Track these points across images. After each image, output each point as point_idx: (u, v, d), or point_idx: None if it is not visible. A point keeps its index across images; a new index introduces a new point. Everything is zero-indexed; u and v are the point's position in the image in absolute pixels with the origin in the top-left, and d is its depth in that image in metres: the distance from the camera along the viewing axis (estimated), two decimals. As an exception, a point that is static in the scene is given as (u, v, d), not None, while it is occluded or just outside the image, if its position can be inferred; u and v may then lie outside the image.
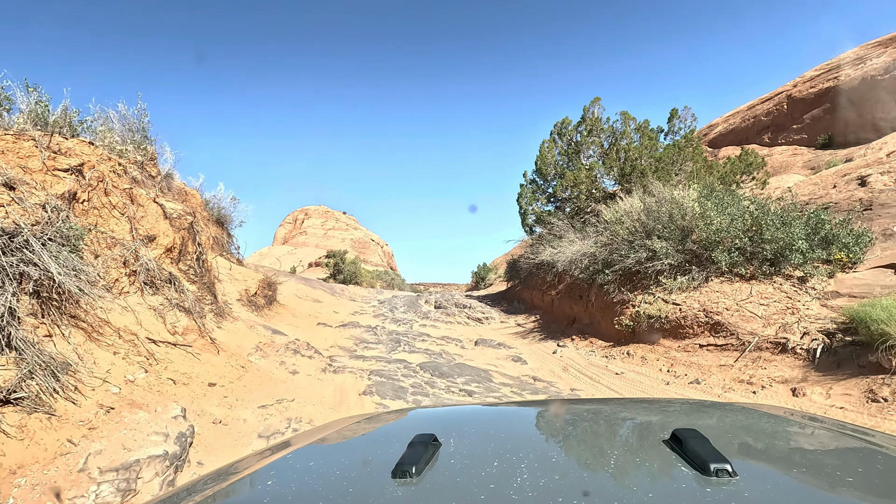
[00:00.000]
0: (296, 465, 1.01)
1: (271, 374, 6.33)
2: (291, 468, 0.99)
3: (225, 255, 12.34)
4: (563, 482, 0.77)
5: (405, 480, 0.78)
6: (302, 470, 0.98)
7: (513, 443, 1.03)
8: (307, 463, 1.03)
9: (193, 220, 8.05)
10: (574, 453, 1.00)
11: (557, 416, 1.37)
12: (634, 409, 1.42)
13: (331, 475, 0.91)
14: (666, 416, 1.30)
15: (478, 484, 0.77)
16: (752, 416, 1.29)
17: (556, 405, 1.58)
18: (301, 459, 1.05)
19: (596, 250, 9.84)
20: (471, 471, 0.83)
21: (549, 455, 0.95)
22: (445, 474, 0.82)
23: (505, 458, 0.88)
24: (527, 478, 0.78)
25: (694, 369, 6.52)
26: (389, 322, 12.31)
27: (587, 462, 0.94)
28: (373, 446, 1.21)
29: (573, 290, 11.21)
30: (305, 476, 0.93)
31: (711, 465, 0.75)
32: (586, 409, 1.45)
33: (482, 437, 1.10)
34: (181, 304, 6.53)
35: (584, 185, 13.26)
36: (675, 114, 14.30)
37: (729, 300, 7.30)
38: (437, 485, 0.78)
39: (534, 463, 0.85)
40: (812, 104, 23.34)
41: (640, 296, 8.58)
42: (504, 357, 8.98)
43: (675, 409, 1.39)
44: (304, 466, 1.00)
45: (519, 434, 1.19)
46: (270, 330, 8.30)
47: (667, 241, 8.58)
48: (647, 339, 8.07)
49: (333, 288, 22.22)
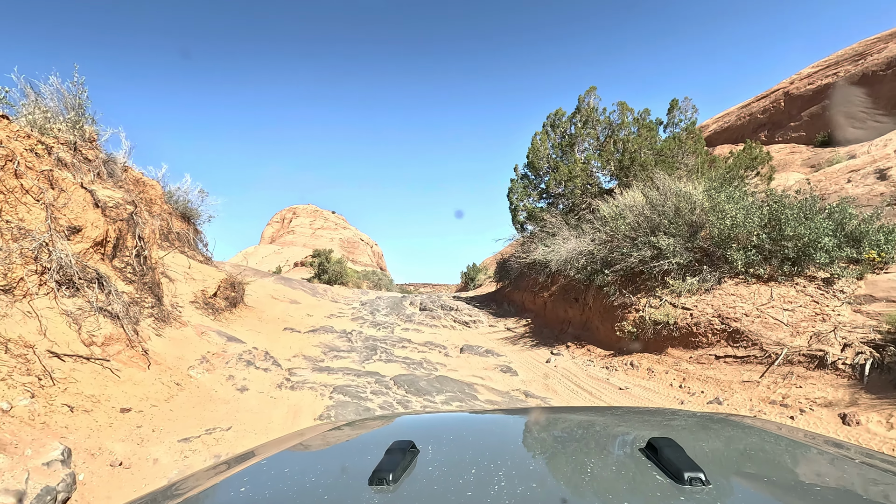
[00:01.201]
0: (270, 472, 0.98)
1: (213, 393, 5.29)
2: (266, 474, 0.97)
3: (189, 253, 11.24)
4: (540, 490, 0.77)
5: (382, 488, 0.78)
6: (277, 476, 0.95)
7: (491, 450, 1.02)
8: (282, 469, 1.00)
9: (135, 210, 6.97)
10: (552, 461, 1.00)
11: (536, 423, 1.37)
12: (612, 418, 1.43)
13: (306, 482, 0.89)
14: (643, 424, 1.30)
15: (455, 491, 0.77)
16: (728, 426, 1.28)
17: (536, 413, 1.58)
18: (276, 466, 1.02)
19: (594, 248, 8.92)
20: (448, 478, 0.84)
21: (526, 463, 0.95)
22: (422, 481, 0.82)
23: (483, 465, 0.89)
24: (504, 485, 0.78)
25: (712, 385, 5.60)
26: (368, 326, 11.29)
27: (564, 470, 0.93)
28: (350, 453, 1.18)
29: (568, 292, 10.28)
30: (280, 483, 0.91)
31: (685, 473, 0.76)
32: (565, 417, 1.46)
33: (461, 445, 1.10)
34: (107, 308, 5.47)
35: (580, 180, 12.35)
36: (675, 105, 13.46)
37: (747, 304, 6.41)
38: (413, 492, 0.78)
39: (511, 471, 0.85)
40: (810, 101, 22.73)
41: (645, 299, 7.67)
42: (492, 367, 8.01)
43: (652, 418, 1.38)
44: (279, 473, 0.97)
45: (497, 441, 1.17)
46: (226, 337, 7.25)
47: (674, 237, 7.67)
48: (653, 347, 7.15)
49: (315, 288, 21.13)
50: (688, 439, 1.03)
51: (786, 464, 0.99)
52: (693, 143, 12.31)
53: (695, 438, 1.14)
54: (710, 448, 1.08)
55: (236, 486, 0.92)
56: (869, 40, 22.15)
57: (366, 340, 9.38)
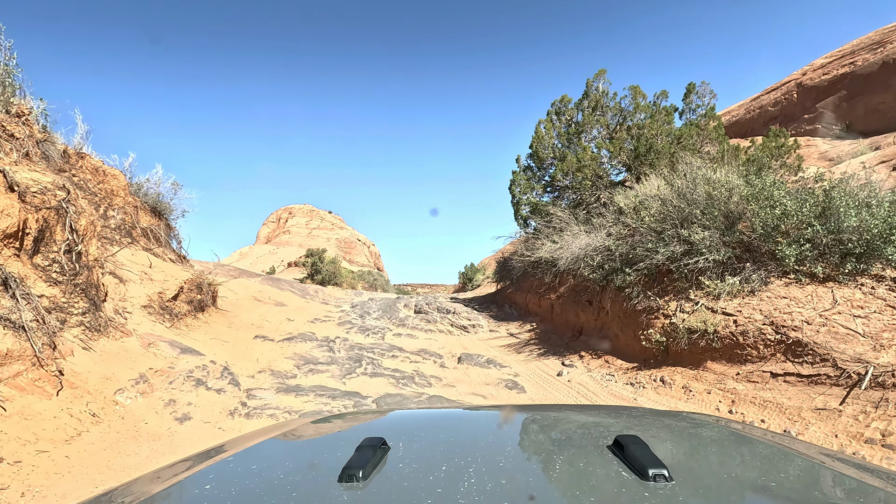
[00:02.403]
0: (237, 469, 0.97)
1: (140, 425, 4.14)
2: (232, 471, 0.95)
3: (156, 250, 10.06)
4: (509, 486, 0.78)
5: (351, 485, 0.77)
6: (243, 473, 0.93)
7: (462, 447, 1.03)
8: (249, 466, 0.97)
9: (67, 197, 5.81)
10: (521, 458, 1.00)
11: (507, 421, 1.37)
12: (582, 416, 1.45)
13: (274, 478, 0.87)
14: (612, 422, 1.30)
15: (425, 488, 0.77)
16: (694, 423, 1.28)
17: (508, 410, 1.59)
18: (243, 462, 1.00)
19: (612, 244, 7.77)
20: (419, 475, 0.83)
21: (496, 460, 0.93)
22: (393, 478, 0.82)
23: (453, 462, 0.89)
24: (474, 482, 0.78)
25: (773, 412, 4.46)
26: (356, 332, 10.13)
27: (533, 466, 0.94)
28: (321, 450, 1.15)
29: (579, 294, 9.13)
30: (247, 480, 0.89)
31: (650, 469, 0.76)
32: (536, 414, 1.47)
33: (432, 441, 1.10)
34: (9, 316, 4.30)
35: (589, 170, 11.21)
36: (692, 89, 12.33)
37: (807, 310, 5.27)
38: (383, 489, 0.77)
39: (482, 467, 0.85)
40: (825, 92, 21.63)
41: (675, 302, 6.53)
42: (495, 381, 6.87)
43: (621, 415, 1.38)
44: (245, 470, 0.95)
45: (469, 438, 1.16)
46: (179, 348, 6.09)
47: (707, 230, 6.53)
48: (687, 360, 6.02)
49: (306, 289, 19.96)
50: (654, 437, 1.09)
51: (747, 461, 1.01)
52: (714, 129, 11.18)
53: (661, 436, 1.15)
54: (676, 446, 1.10)
55: (200, 483, 0.89)
56: (887, 28, 21.09)
57: (350, 349, 8.22)
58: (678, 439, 1.15)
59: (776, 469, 0.93)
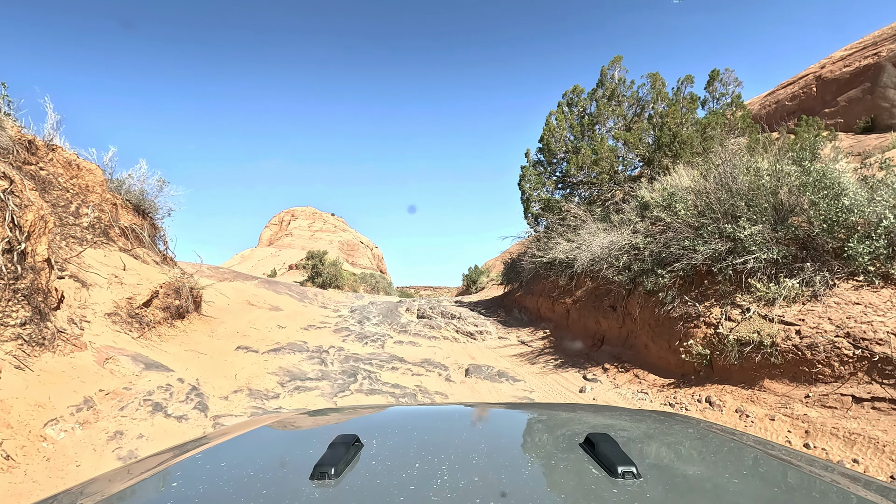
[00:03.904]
0: (206, 466, 0.94)
1: (69, 470, 3.26)
2: (201, 468, 0.93)
3: (136, 251, 9.23)
4: (482, 483, 0.77)
5: (323, 482, 0.77)
6: (212, 471, 0.91)
7: (436, 445, 1.03)
8: (218, 463, 0.95)
9: (10, 188, 4.98)
10: (494, 455, 0.98)
11: (481, 419, 1.36)
12: (555, 414, 1.43)
13: (244, 476, 0.86)
14: (585, 420, 1.30)
15: (398, 485, 0.76)
16: (664, 422, 1.28)
17: (482, 408, 1.54)
18: (212, 459, 0.97)
19: (641, 242, 6.86)
20: (392, 472, 0.83)
21: (470, 457, 0.92)
22: (365, 476, 0.82)
23: (427, 459, 0.88)
24: (447, 479, 0.78)
25: (865, 448, 3.55)
26: (353, 340, 9.25)
27: (506, 464, 0.92)
28: (293, 447, 1.13)
29: (600, 298, 8.23)
30: (216, 477, 0.87)
31: (619, 467, 0.78)
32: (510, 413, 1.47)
33: (406, 439, 1.09)
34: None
35: (606, 162, 10.31)
36: (715, 75, 11.43)
37: (890, 319, 4.35)
38: (355, 486, 0.77)
39: (455, 465, 0.85)
40: (847, 84, 20.65)
41: (718, 308, 5.63)
42: (508, 398, 5.97)
43: (595, 415, 1.37)
44: (214, 467, 0.93)
45: (443, 436, 1.13)
46: (143, 363, 5.23)
47: (757, 224, 5.63)
48: (738, 377, 5.11)
49: (305, 293, 19.12)
50: (626, 436, 1.11)
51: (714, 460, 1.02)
52: (742, 118, 10.27)
53: (633, 435, 1.15)
54: (646, 444, 1.10)
55: (167, 481, 0.87)
56: (911, 18, 20.12)
57: (345, 361, 7.34)
58: (649, 438, 1.15)
59: (743, 469, 0.94)
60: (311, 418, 1.46)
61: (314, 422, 1.40)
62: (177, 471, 0.90)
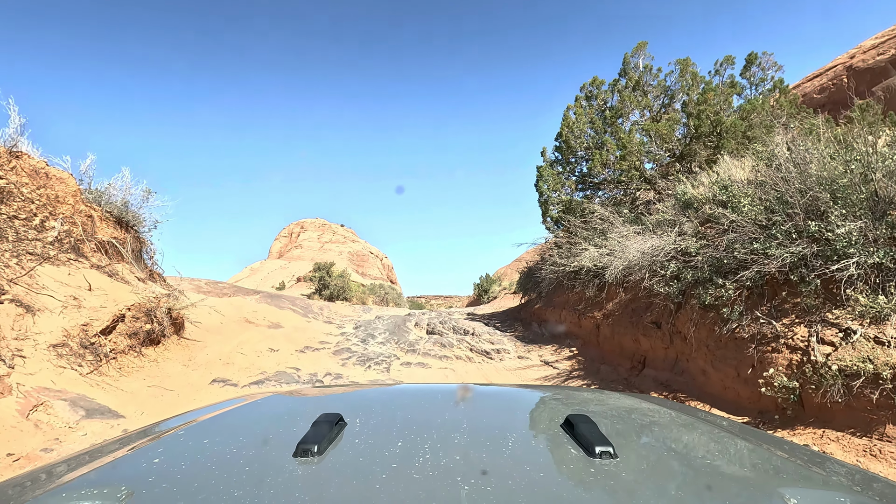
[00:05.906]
0: (188, 443, 0.94)
1: None
2: (183, 445, 0.92)
3: (115, 267, 8.28)
4: (463, 462, 0.78)
5: (306, 459, 0.76)
6: (195, 448, 0.91)
7: (419, 424, 1.02)
8: (201, 441, 0.95)
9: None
10: (476, 435, 0.98)
11: (465, 398, 1.36)
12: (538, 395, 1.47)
13: (226, 453, 0.86)
14: (566, 401, 1.32)
15: (380, 463, 0.77)
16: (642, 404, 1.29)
17: (464, 388, 1.57)
18: (195, 436, 0.97)
19: (692, 245, 5.68)
20: (374, 450, 0.83)
21: (452, 436, 0.93)
22: (348, 454, 0.81)
23: (409, 438, 0.88)
24: (429, 457, 0.78)
25: None
26: (354, 363, 8.17)
27: (487, 443, 0.92)
28: (276, 425, 1.10)
29: (638, 313, 7.04)
30: (198, 454, 0.87)
31: (596, 447, 0.79)
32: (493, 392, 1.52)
33: (389, 418, 1.09)
34: None
35: (635, 157, 9.17)
36: (753, 59, 10.25)
37: None
38: (338, 464, 0.77)
39: (437, 443, 0.85)
40: (882, 74, 19.30)
41: (804, 327, 4.44)
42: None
43: (575, 397, 1.39)
44: (197, 444, 0.93)
45: (425, 415, 1.14)
46: (85, 409, 4.20)
47: (852, 221, 4.45)
48: (843, 420, 3.91)
49: (309, 307, 18.14)
50: (605, 417, 1.13)
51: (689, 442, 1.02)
52: (790, 103, 9.08)
53: (612, 417, 1.16)
54: (625, 425, 1.12)
55: (149, 457, 0.86)
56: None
57: (341, 393, 6.25)
58: (628, 420, 1.17)
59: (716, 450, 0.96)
60: (295, 397, 1.45)
61: (298, 400, 1.39)
62: (159, 447, 0.90)
